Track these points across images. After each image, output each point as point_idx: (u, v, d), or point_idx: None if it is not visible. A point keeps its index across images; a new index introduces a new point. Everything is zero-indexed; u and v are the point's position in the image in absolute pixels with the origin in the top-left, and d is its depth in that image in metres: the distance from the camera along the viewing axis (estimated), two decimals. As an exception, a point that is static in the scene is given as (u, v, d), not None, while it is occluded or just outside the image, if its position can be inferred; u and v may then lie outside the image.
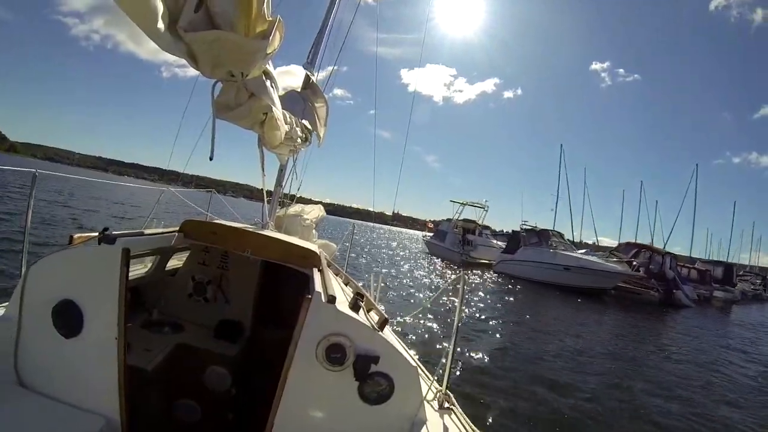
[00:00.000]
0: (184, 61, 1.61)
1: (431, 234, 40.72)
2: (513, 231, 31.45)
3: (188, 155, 4.66)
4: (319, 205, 5.42)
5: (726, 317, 24.38)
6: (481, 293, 16.05)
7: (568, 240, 29.81)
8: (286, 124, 2.71)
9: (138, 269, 3.09)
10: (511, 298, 16.91)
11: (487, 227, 37.45)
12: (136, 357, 2.36)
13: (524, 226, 29.98)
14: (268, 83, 2.05)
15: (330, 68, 5.39)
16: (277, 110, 2.25)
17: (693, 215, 40.46)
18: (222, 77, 1.80)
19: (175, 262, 3.41)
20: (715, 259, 44.73)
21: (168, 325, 2.89)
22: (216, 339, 2.89)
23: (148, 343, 2.58)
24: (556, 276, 23.60)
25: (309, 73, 4.23)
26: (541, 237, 27.08)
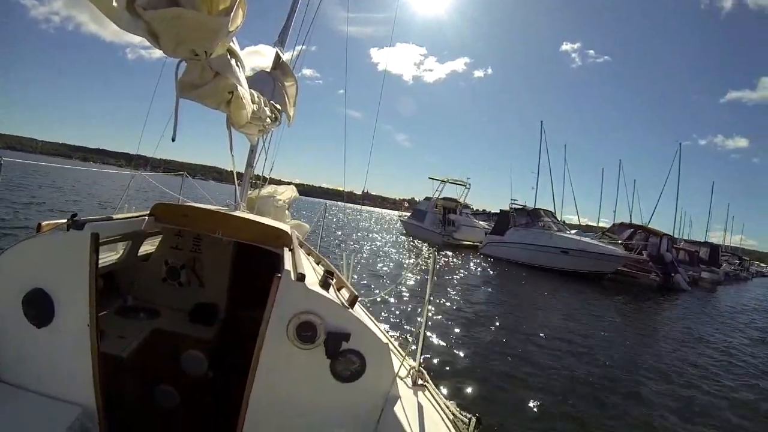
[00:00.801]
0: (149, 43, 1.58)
1: (408, 214, 39.01)
2: (501, 210, 28.90)
3: (156, 140, 4.55)
4: (292, 186, 5.39)
5: (738, 300, 22.34)
6: (468, 280, 14.77)
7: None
8: (253, 103, 2.69)
9: (110, 255, 3.04)
10: (505, 286, 15.64)
11: (467, 206, 35.93)
12: (111, 344, 2.34)
13: (513, 205, 27.70)
14: (233, 62, 2.03)
15: (300, 48, 5.31)
16: (243, 89, 2.24)
17: (676, 195, 38.25)
18: (185, 56, 1.77)
19: (148, 247, 3.37)
20: (688, 239, 43.68)
21: (143, 310, 2.87)
22: (191, 323, 2.89)
23: (123, 330, 2.56)
24: (552, 260, 21.66)
25: (279, 52, 4.16)
26: (532, 217, 25.12)
